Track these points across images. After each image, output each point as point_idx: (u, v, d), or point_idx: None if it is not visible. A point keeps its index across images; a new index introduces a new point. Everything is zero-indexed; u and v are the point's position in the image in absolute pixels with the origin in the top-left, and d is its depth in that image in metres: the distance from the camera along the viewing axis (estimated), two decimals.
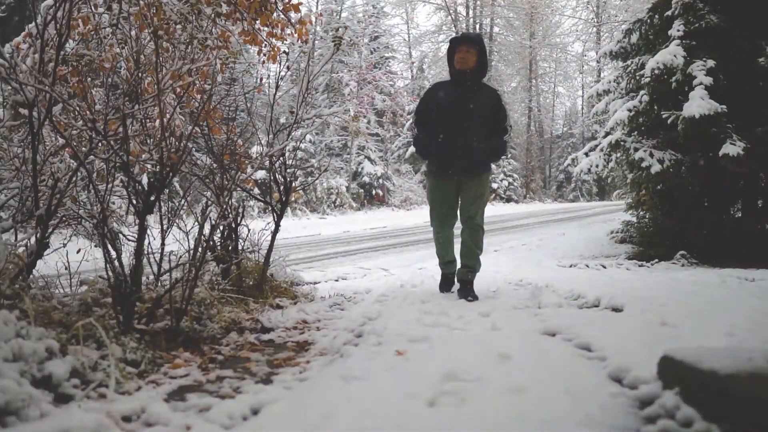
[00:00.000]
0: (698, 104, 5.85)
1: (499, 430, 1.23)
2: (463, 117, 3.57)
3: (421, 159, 4.16)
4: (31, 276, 2.17)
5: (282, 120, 3.70)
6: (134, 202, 2.18)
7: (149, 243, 2.20)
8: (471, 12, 30.10)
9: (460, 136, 3.56)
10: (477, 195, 3.69)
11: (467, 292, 3.55)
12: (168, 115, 2.37)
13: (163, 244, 2.25)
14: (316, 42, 19.67)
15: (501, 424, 1.25)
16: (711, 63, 6.15)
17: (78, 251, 2.68)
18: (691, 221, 6.87)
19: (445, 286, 3.87)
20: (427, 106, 3.76)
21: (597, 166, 7.73)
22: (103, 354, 1.65)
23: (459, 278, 3.73)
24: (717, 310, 2.59)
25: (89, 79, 2.77)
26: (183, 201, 2.67)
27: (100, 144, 2.31)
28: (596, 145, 7.98)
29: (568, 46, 35.28)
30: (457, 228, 3.81)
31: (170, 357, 1.91)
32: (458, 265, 3.77)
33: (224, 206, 2.82)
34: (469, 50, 3.58)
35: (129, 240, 2.22)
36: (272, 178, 3.42)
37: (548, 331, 2.27)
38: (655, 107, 6.93)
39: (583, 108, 36.11)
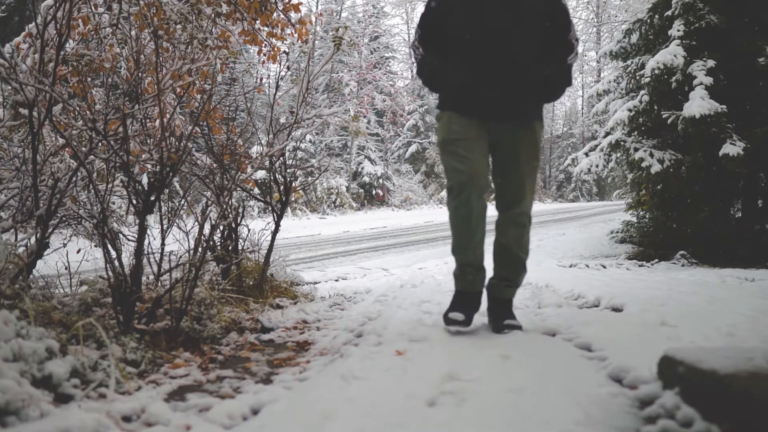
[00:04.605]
0: (698, 104, 5.86)
1: (499, 430, 1.23)
2: (501, 17, 2.16)
3: (431, 90, 2.50)
4: (31, 276, 2.18)
5: (282, 120, 3.69)
6: (134, 202, 2.18)
7: (149, 243, 2.20)
8: None
9: (498, 48, 2.16)
10: (525, 159, 2.25)
11: (504, 318, 2.26)
12: (168, 115, 2.37)
13: (163, 244, 2.25)
14: (316, 42, 19.67)
15: (501, 424, 1.25)
16: (711, 63, 6.17)
17: (78, 251, 2.69)
18: (691, 221, 6.88)
19: (460, 306, 2.28)
20: (440, 8, 2.30)
21: (597, 166, 7.76)
22: (103, 354, 1.64)
23: (492, 294, 2.40)
24: (717, 310, 2.59)
25: (89, 79, 2.78)
26: (183, 201, 2.67)
27: (100, 144, 2.31)
28: (596, 145, 8.00)
29: None
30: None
31: (170, 357, 1.91)
32: (488, 274, 2.40)
33: (224, 206, 2.82)
34: None
35: (129, 240, 2.22)
36: (272, 178, 3.42)
37: (548, 331, 2.27)
38: (655, 107, 6.95)
39: (583, 108, 36.14)
